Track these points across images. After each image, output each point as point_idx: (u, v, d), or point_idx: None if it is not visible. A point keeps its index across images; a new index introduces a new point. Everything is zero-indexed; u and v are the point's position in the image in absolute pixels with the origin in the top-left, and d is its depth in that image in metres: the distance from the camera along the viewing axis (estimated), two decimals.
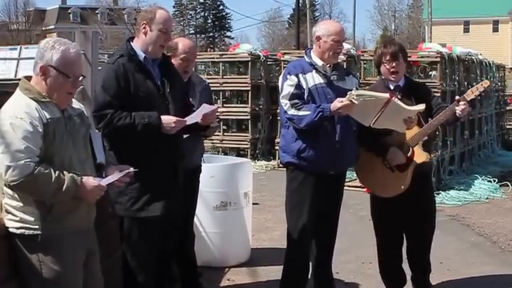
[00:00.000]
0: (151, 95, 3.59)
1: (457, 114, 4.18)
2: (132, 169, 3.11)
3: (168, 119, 3.54)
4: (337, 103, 3.95)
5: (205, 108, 3.70)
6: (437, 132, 8.80)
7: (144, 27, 3.63)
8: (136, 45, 3.67)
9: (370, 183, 4.53)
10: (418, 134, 4.27)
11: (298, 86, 4.09)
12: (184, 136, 3.92)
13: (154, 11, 3.65)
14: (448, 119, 4.27)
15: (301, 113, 4.03)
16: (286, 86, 4.11)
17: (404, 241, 4.59)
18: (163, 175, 3.60)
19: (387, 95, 3.96)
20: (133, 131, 3.50)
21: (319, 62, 4.16)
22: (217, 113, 3.95)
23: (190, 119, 3.64)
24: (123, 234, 3.68)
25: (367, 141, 4.29)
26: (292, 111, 4.06)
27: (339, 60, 4.38)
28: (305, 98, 4.08)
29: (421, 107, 4.09)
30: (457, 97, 4.29)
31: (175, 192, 3.69)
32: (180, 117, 3.60)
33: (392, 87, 4.37)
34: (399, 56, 4.34)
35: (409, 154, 4.31)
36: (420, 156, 4.30)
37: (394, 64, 4.32)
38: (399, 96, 4.23)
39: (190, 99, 4.16)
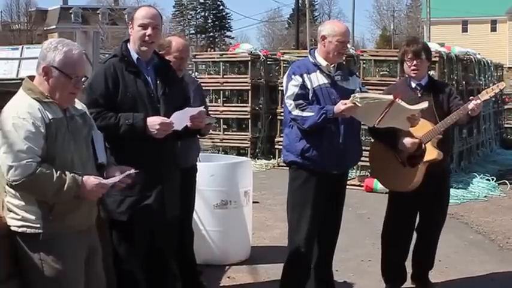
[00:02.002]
0: (140, 96, 3.54)
1: (469, 112, 4.22)
2: (133, 170, 3.10)
3: (152, 121, 3.46)
4: (341, 105, 3.95)
5: (189, 111, 3.59)
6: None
7: (131, 27, 3.65)
8: (130, 46, 3.67)
9: (381, 175, 4.59)
10: (430, 132, 4.32)
11: (303, 86, 4.09)
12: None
13: (137, 9, 3.69)
14: (461, 118, 4.32)
15: (305, 114, 4.04)
16: (291, 86, 4.12)
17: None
18: (149, 179, 3.51)
19: (391, 97, 3.96)
20: (116, 132, 3.45)
21: (324, 63, 4.17)
22: (218, 112, 3.95)
23: (175, 119, 3.52)
24: (111, 236, 3.65)
25: (379, 132, 4.30)
26: (296, 112, 4.06)
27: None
28: (310, 98, 4.09)
29: (424, 105, 4.13)
30: (471, 97, 4.35)
31: (160, 196, 3.60)
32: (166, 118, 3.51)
33: (414, 86, 4.46)
34: (421, 54, 4.41)
35: (421, 150, 4.35)
36: (431, 153, 4.33)
37: (415, 62, 4.40)
38: (419, 94, 4.35)
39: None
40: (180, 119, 3.54)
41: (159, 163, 3.59)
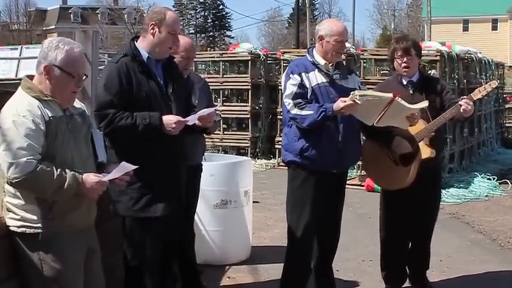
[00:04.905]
0: (153, 95, 3.58)
1: (461, 110, 4.22)
2: (132, 167, 3.10)
3: (168, 120, 3.52)
4: (340, 103, 3.94)
5: (204, 111, 3.68)
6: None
7: (153, 28, 3.60)
8: (141, 45, 3.64)
9: (373, 174, 4.59)
10: (423, 130, 4.30)
11: (302, 85, 4.08)
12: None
13: (164, 12, 3.62)
14: (454, 116, 4.32)
15: (304, 112, 4.02)
16: (290, 85, 4.11)
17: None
18: (165, 175, 3.59)
19: (390, 95, 3.95)
20: (134, 132, 3.49)
21: (322, 61, 4.16)
22: (219, 112, 3.97)
23: (190, 119, 3.64)
24: (125, 234, 3.68)
25: (373, 131, 4.29)
26: (295, 111, 4.05)
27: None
28: (308, 97, 4.08)
29: (424, 104, 4.12)
30: (463, 96, 4.34)
31: (177, 192, 3.67)
32: (182, 117, 3.59)
33: (405, 83, 4.44)
34: (411, 51, 4.40)
35: (414, 149, 4.34)
36: (424, 152, 4.33)
37: (405, 59, 4.39)
38: (411, 91, 4.34)
39: (192, 98, 4.18)
40: (193, 118, 3.64)
41: (173, 160, 3.65)
